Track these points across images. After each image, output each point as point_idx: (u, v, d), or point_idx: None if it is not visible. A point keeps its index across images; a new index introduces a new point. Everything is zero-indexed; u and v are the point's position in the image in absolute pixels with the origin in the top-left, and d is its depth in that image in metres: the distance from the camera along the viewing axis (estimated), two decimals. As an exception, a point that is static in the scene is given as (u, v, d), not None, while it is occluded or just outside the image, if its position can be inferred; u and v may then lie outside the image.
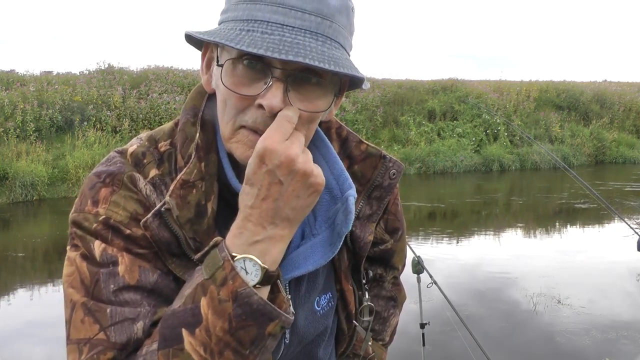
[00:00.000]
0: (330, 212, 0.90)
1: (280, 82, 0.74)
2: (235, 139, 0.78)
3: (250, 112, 0.76)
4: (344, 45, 0.78)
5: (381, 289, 1.17)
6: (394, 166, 0.97)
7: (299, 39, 0.72)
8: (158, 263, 0.78)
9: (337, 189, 0.90)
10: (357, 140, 0.98)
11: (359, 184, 0.95)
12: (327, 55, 0.73)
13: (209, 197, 0.81)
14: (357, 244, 0.97)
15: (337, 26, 0.76)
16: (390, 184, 0.97)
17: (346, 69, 0.73)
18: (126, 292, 0.75)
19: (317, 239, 0.90)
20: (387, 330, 1.19)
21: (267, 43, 0.70)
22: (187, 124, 0.84)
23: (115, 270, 0.75)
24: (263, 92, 0.74)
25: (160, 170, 0.82)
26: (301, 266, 0.88)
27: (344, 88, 0.85)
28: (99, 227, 0.76)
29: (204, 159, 0.82)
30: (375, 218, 0.98)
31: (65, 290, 0.78)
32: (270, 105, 0.73)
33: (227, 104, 0.78)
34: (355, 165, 0.97)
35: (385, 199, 0.97)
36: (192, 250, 0.78)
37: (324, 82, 0.77)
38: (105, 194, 0.78)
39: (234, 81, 0.76)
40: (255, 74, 0.75)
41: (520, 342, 4.12)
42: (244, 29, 0.73)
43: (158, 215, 0.76)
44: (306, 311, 0.94)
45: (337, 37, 0.76)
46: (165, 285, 0.78)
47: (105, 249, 0.76)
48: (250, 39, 0.71)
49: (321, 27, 0.74)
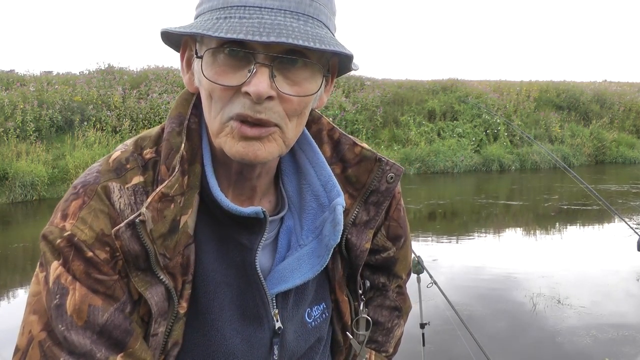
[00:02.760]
0: (317, 221, 0.87)
1: (264, 67, 0.70)
2: (224, 132, 0.75)
3: (238, 101, 0.73)
4: (327, 24, 0.75)
5: (385, 298, 1.10)
6: (392, 169, 0.91)
7: (279, 19, 0.69)
8: (117, 291, 0.74)
9: (325, 197, 0.87)
10: (350, 142, 0.93)
11: (353, 188, 0.91)
12: (311, 33, 0.69)
13: (185, 211, 0.78)
14: (353, 253, 0.92)
15: (318, 4, 0.73)
16: (388, 188, 0.91)
17: (332, 46, 0.70)
18: (74, 334, 0.71)
19: (304, 250, 0.86)
20: (390, 342, 1.12)
21: (246, 27, 0.67)
22: (172, 134, 0.80)
23: (63, 307, 0.72)
24: (248, 80, 0.71)
25: (144, 178, 0.79)
26: (288, 280, 0.84)
27: (333, 71, 0.82)
28: (62, 243, 0.73)
29: (187, 172, 0.79)
30: (373, 224, 0.93)
31: (27, 315, 0.76)
32: (257, 92, 0.70)
33: (212, 98, 0.75)
34: (350, 169, 0.92)
35: (384, 204, 0.92)
36: (159, 266, 0.75)
37: (311, 63, 0.74)
38: (75, 207, 0.75)
39: (215, 72, 0.72)
40: (238, 62, 0.72)
41: (521, 342, 4.12)
42: (221, 16, 0.70)
43: (131, 225, 0.72)
44: (296, 324, 0.90)
45: (319, 15, 0.73)
46: (116, 326, 0.73)
47: (60, 276, 0.72)
48: (228, 25, 0.68)
49: (301, 6, 0.71)
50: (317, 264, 0.84)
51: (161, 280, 0.76)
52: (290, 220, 0.90)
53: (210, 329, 0.83)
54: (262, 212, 0.80)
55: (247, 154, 0.75)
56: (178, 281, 0.78)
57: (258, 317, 0.85)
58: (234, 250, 0.84)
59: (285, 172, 0.92)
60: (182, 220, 0.77)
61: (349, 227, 0.91)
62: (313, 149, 0.90)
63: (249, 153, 0.75)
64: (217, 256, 0.83)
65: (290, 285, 0.84)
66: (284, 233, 0.89)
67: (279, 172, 0.92)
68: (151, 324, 0.77)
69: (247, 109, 0.72)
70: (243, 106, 0.72)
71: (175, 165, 0.78)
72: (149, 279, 0.76)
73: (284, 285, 0.84)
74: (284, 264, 0.86)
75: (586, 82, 20.41)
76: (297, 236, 0.88)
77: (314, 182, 0.88)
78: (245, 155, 0.75)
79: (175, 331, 0.80)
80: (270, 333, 0.87)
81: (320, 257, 0.84)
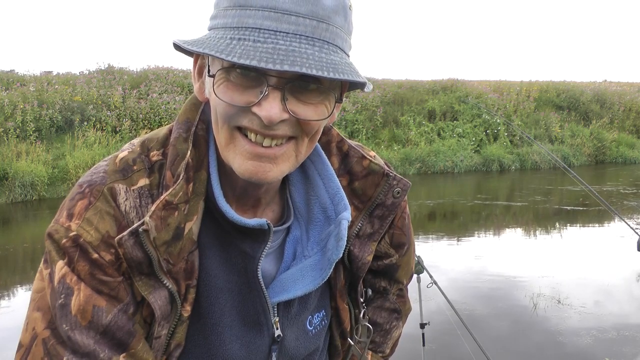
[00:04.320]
0: (323, 233, 0.87)
1: (277, 91, 0.70)
2: (233, 145, 0.75)
3: (247, 117, 0.72)
4: (342, 48, 0.74)
5: (385, 300, 1.12)
6: (399, 184, 0.91)
7: (294, 45, 0.67)
8: (120, 292, 0.75)
9: (332, 210, 0.87)
10: (359, 155, 0.93)
11: (359, 201, 0.92)
12: (325, 61, 0.68)
13: (190, 218, 0.77)
14: (355, 264, 0.92)
15: (334, 28, 0.71)
16: (394, 203, 0.92)
17: (346, 74, 0.69)
18: (78, 334, 0.72)
19: (308, 262, 0.86)
20: (387, 343, 1.14)
21: (260, 53, 0.65)
22: (179, 140, 0.80)
23: (68, 307, 0.72)
24: (259, 101, 0.70)
25: (149, 181, 0.79)
26: (289, 290, 0.85)
27: (344, 91, 0.82)
28: (67, 243, 0.73)
29: (192, 179, 0.78)
30: (377, 237, 0.93)
31: (31, 312, 0.76)
32: (269, 117, 0.69)
33: (218, 111, 0.75)
34: (356, 182, 0.92)
35: (388, 217, 0.93)
36: (162, 271, 0.75)
37: (323, 87, 0.73)
38: (81, 207, 0.75)
39: (227, 88, 0.72)
40: (250, 82, 0.71)
41: (521, 341, 4.11)
42: (235, 37, 0.68)
43: (134, 234, 0.72)
44: (297, 332, 0.91)
45: (335, 39, 0.72)
46: (119, 327, 0.74)
47: (65, 276, 0.73)
48: (242, 48, 0.66)
49: (317, 31, 0.69)
50: (318, 277, 0.85)
51: (165, 285, 0.76)
52: (297, 230, 0.90)
53: (210, 332, 0.84)
54: (266, 224, 0.81)
55: (257, 173, 0.75)
56: (182, 285, 0.79)
57: (258, 323, 0.86)
58: (237, 257, 0.84)
59: (293, 183, 0.91)
60: (187, 227, 0.77)
61: (352, 239, 0.91)
62: (322, 161, 0.90)
63: (258, 173, 0.75)
64: (220, 262, 0.84)
65: (291, 296, 0.85)
66: (291, 242, 0.90)
67: (286, 182, 0.92)
68: (154, 326, 0.78)
69: (256, 126, 0.72)
70: (251, 122, 0.72)
71: (180, 172, 0.77)
72: (152, 283, 0.76)
73: (285, 295, 0.85)
74: (287, 274, 0.86)
75: (586, 82, 20.42)
76: (303, 247, 0.88)
77: (321, 194, 0.88)
78: (254, 175, 0.75)
79: (178, 333, 0.80)
80: (269, 340, 0.88)
81: (322, 270, 0.85)
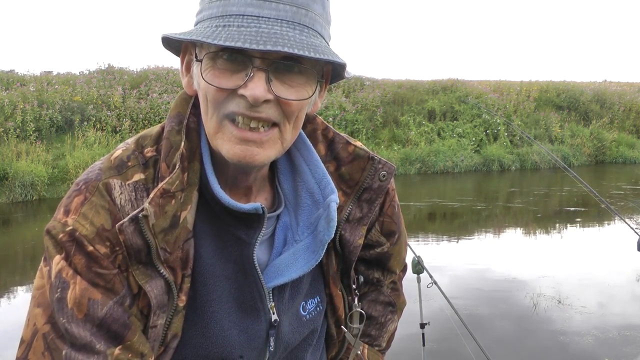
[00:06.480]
0: (312, 217, 0.90)
1: (261, 72, 0.74)
2: (221, 133, 0.78)
3: (233, 101, 0.76)
4: (321, 34, 0.79)
5: (379, 293, 1.13)
6: (384, 167, 0.95)
7: (275, 28, 0.72)
8: (116, 285, 0.77)
9: (319, 194, 0.90)
10: (344, 141, 0.96)
11: (347, 186, 0.94)
12: (306, 43, 0.73)
13: (185, 207, 0.80)
14: (347, 248, 0.95)
15: (313, 14, 0.77)
16: (381, 186, 0.95)
17: (326, 55, 0.74)
18: (75, 326, 0.74)
19: (300, 246, 0.89)
20: (383, 336, 1.16)
21: (244, 36, 0.70)
22: (172, 132, 0.83)
23: (64, 300, 0.74)
24: (244, 83, 0.74)
25: (144, 175, 0.81)
26: (284, 274, 0.87)
27: (327, 77, 0.85)
28: (64, 238, 0.75)
29: (187, 169, 0.81)
30: (367, 221, 0.96)
31: (32, 308, 0.78)
32: (254, 96, 0.73)
33: (208, 99, 0.78)
34: (343, 167, 0.95)
35: (376, 201, 0.96)
36: (159, 260, 0.78)
37: (305, 69, 0.77)
38: (77, 203, 0.77)
39: (214, 75, 0.75)
40: (236, 66, 0.75)
41: (521, 341, 4.12)
42: (220, 24, 0.73)
43: (135, 220, 0.75)
44: (290, 317, 0.93)
45: (314, 25, 0.77)
46: (115, 320, 0.76)
47: (61, 270, 0.75)
48: (227, 33, 0.71)
49: (297, 16, 0.74)
50: (312, 259, 0.87)
51: (161, 274, 0.78)
52: (287, 217, 0.93)
53: (209, 321, 0.85)
54: (261, 207, 0.83)
55: (245, 157, 0.78)
56: (178, 275, 0.81)
57: (255, 309, 0.88)
58: (233, 244, 0.86)
59: (282, 171, 0.95)
60: (182, 216, 0.79)
61: (342, 224, 0.94)
62: (308, 148, 0.92)
63: (246, 156, 0.78)
64: (216, 250, 0.86)
65: (286, 279, 0.87)
66: (281, 229, 0.92)
67: (275, 171, 0.95)
68: (150, 316, 0.80)
69: (243, 108, 0.75)
70: (238, 105, 0.75)
71: (175, 162, 0.80)
72: (149, 272, 0.78)
73: (280, 279, 0.87)
74: (280, 259, 0.89)
75: (586, 82, 20.42)
76: (293, 232, 0.91)
77: (308, 179, 0.91)
78: (242, 159, 0.78)
79: (175, 324, 0.82)
80: (266, 325, 0.90)
81: (315, 252, 0.87)
